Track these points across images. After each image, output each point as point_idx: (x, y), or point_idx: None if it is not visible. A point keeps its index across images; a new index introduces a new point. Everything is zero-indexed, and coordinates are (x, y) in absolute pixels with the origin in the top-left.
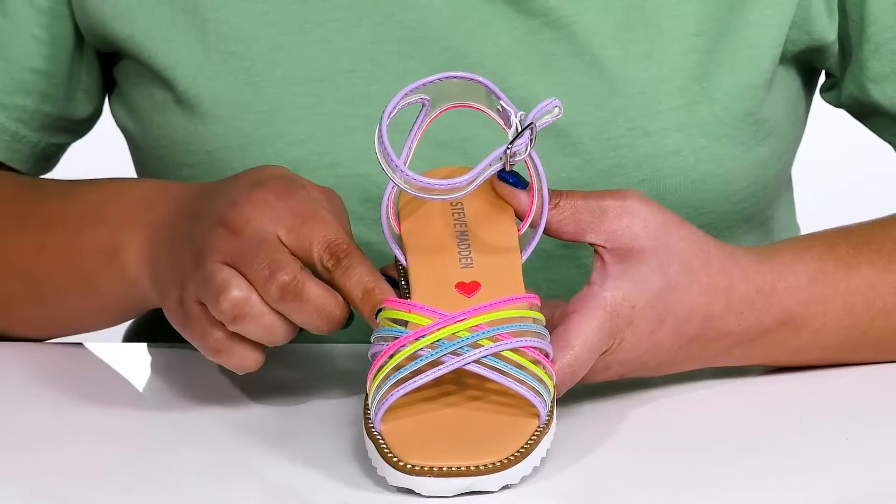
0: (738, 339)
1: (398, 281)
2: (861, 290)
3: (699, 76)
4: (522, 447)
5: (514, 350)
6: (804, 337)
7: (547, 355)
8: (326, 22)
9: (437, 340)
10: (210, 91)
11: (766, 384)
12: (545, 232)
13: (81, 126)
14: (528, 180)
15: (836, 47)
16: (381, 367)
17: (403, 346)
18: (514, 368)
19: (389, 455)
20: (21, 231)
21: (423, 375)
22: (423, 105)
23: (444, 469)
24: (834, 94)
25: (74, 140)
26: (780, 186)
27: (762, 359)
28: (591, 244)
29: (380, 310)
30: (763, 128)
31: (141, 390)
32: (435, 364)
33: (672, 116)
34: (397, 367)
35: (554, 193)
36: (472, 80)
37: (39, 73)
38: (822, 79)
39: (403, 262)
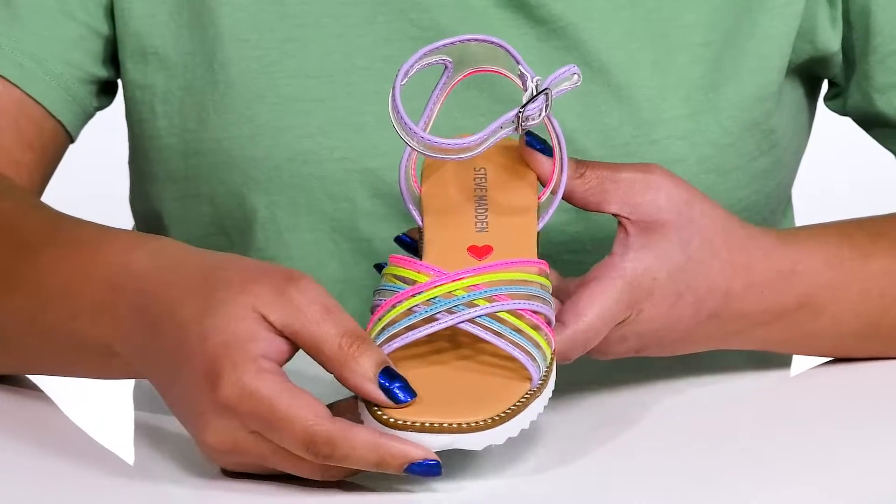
0: (757, 319)
1: (419, 244)
2: (876, 278)
3: (705, 86)
4: (509, 408)
5: (512, 313)
6: (821, 322)
7: (549, 322)
8: (341, 17)
9: (433, 297)
10: (223, 79)
11: (767, 384)
12: (571, 201)
13: (115, 92)
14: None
15: (839, 57)
16: (376, 322)
17: (400, 301)
18: (509, 330)
19: (374, 408)
20: (11, 290)
21: (415, 331)
22: (445, 67)
23: (427, 424)
24: (838, 103)
25: (104, 108)
26: (781, 196)
27: (777, 343)
28: (614, 215)
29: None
30: (769, 138)
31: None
32: (429, 321)
33: (677, 125)
34: (392, 322)
35: (580, 164)
36: (491, 42)
37: (97, 33)
38: (825, 87)
39: (420, 224)
